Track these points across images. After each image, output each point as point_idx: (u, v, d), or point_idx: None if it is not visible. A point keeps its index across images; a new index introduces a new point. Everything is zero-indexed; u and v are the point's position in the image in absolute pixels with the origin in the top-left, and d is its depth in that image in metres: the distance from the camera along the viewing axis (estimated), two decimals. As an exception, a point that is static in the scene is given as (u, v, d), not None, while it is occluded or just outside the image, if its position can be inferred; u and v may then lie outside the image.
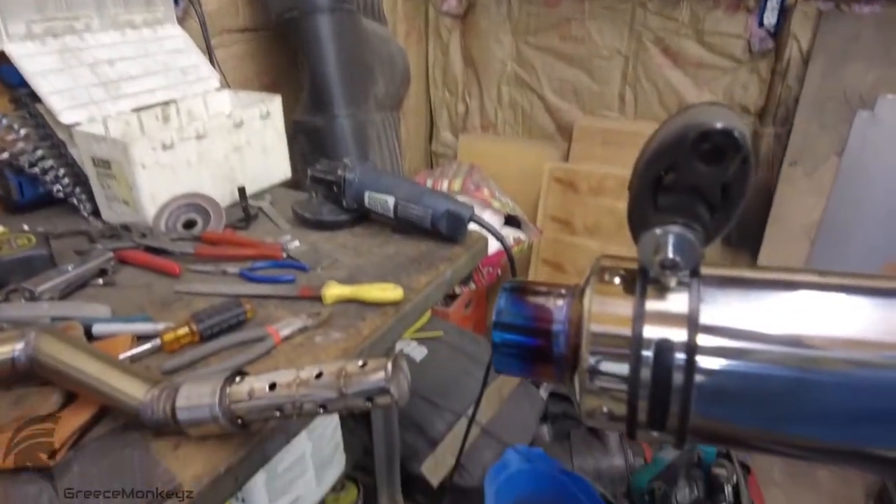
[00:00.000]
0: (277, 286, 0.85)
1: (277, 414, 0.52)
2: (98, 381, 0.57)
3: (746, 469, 1.74)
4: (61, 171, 1.09)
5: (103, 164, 1.02)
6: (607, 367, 0.29)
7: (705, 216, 0.29)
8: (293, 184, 1.32)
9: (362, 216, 1.06)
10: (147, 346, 0.70)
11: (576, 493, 1.55)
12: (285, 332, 0.73)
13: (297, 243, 0.98)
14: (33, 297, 0.82)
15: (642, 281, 0.30)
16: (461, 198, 1.80)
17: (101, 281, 0.89)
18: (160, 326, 0.73)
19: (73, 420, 0.58)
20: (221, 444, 0.57)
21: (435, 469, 1.47)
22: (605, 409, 0.31)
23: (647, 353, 0.28)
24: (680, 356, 0.28)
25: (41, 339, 0.59)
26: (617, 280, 0.31)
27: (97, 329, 0.73)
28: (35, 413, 0.59)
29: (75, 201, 1.13)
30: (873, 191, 1.66)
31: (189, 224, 1.03)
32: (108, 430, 0.59)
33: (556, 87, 2.16)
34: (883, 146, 1.63)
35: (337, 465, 1.27)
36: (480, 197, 1.93)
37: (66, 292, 0.86)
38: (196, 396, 0.55)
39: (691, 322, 0.28)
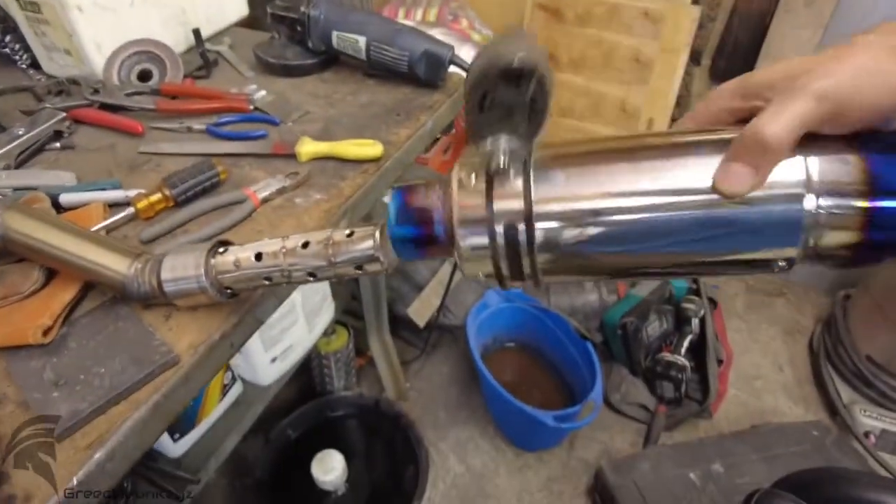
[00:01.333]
0: (248, 143, 0.80)
1: (266, 283, 0.51)
2: (78, 257, 0.55)
3: (714, 303, 1.86)
4: (-13, 18, 0.97)
5: (31, 6, 0.90)
6: (473, 241, 0.39)
7: (523, 124, 0.37)
8: (251, 22, 1.20)
9: (331, 59, 0.98)
10: (121, 214, 0.67)
11: (552, 327, 1.65)
12: (263, 193, 0.70)
13: (263, 93, 0.91)
14: (-13, 166, 0.77)
15: (488, 176, 0.39)
16: (437, 32, 1.67)
17: (58, 144, 0.83)
18: (131, 193, 0.69)
19: (61, 296, 0.57)
20: (213, 313, 0.58)
21: (420, 311, 1.54)
22: (480, 271, 0.41)
23: (499, 227, 0.38)
24: (521, 224, 0.38)
25: (8, 215, 0.56)
26: (473, 176, 0.40)
27: (64, 199, 0.70)
28: (17, 290, 0.58)
29: (9, 51, 1.01)
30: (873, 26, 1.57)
31: (144, 76, 0.94)
32: (97, 304, 0.59)
33: None
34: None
35: (326, 312, 1.32)
36: (458, 29, 1.80)
37: (22, 160, 0.80)
38: (181, 268, 0.53)
39: (525, 198, 0.37)
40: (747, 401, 1.71)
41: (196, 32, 1.00)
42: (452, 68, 0.90)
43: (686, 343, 1.69)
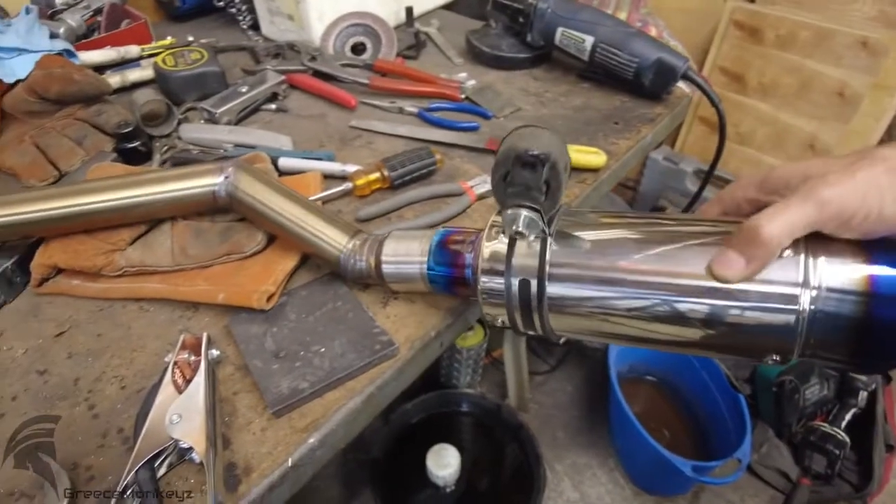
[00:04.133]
0: (460, 134, 0.77)
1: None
2: (300, 226, 0.54)
3: (888, 378, 1.64)
4: (223, -23, 1.01)
5: (268, -29, 0.93)
6: (492, 288, 0.44)
7: (540, 199, 0.41)
8: (458, 5, 1.17)
9: (544, 55, 0.93)
10: (339, 188, 0.66)
11: (698, 368, 1.52)
12: (480, 190, 0.67)
13: (473, 82, 0.88)
14: (212, 119, 0.80)
15: (511, 239, 0.44)
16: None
17: (273, 106, 0.85)
18: (349, 168, 0.68)
19: (283, 263, 0.56)
20: (430, 308, 0.55)
21: (563, 324, 1.47)
22: (497, 319, 0.47)
23: (514, 280, 0.43)
24: (533, 282, 0.42)
25: (240, 176, 0.56)
26: (500, 235, 0.44)
27: (283, 163, 0.70)
28: (240, 249, 0.58)
29: (234, 11, 1.06)
30: None
31: (356, 48, 0.94)
32: (314, 278, 0.58)
33: None
34: None
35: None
36: (644, 37, 1.69)
37: (242, 117, 0.82)
38: (404, 252, 0.51)
39: (540, 258, 0.42)
40: (912, 498, 1.49)
41: (409, 10, 0.99)
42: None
43: (848, 416, 1.50)
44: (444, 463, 1.26)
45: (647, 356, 1.61)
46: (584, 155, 0.70)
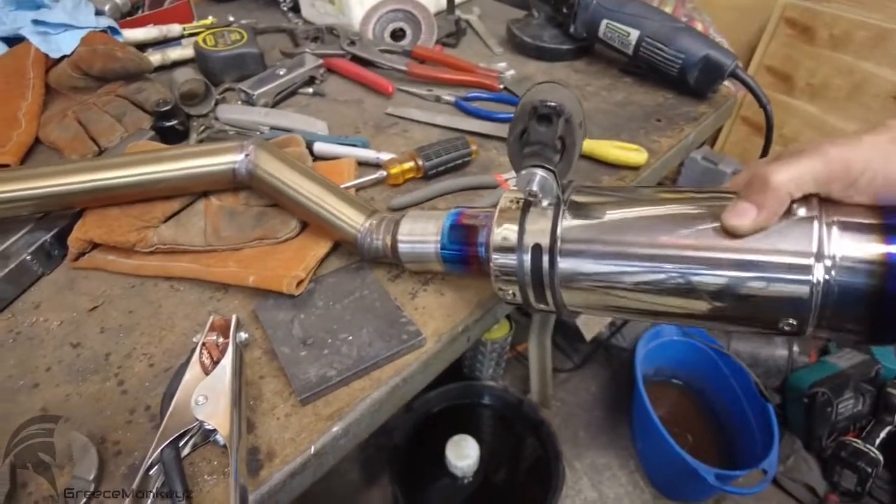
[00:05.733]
0: (497, 125, 0.76)
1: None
2: (316, 203, 0.55)
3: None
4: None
5: (311, -47, 0.92)
6: (504, 264, 0.44)
7: (555, 159, 0.42)
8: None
9: (586, 48, 0.91)
10: (372, 176, 0.65)
11: (726, 374, 1.49)
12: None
13: (512, 72, 0.86)
14: (249, 101, 0.80)
15: (525, 205, 0.43)
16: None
17: (310, 90, 0.84)
18: (384, 156, 0.68)
19: (314, 250, 0.56)
20: (458, 301, 0.54)
21: (591, 324, 1.46)
22: (509, 292, 0.46)
23: (526, 256, 0.43)
24: (545, 256, 0.42)
25: (260, 154, 0.56)
26: (514, 206, 0.44)
27: (318, 147, 0.70)
28: (274, 235, 0.58)
29: (275, -7, 1.06)
30: None
31: (397, 34, 0.93)
32: (341, 266, 0.57)
33: None
34: None
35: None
36: (689, 32, 1.64)
37: (279, 99, 0.82)
38: (420, 232, 0.51)
39: (552, 233, 0.41)
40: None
41: (450, -4, 0.97)
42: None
43: (883, 434, 1.45)
44: (464, 454, 1.26)
45: (675, 360, 1.58)
46: (625, 152, 0.68)
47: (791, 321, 0.35)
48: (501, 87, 0.82)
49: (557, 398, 1.63)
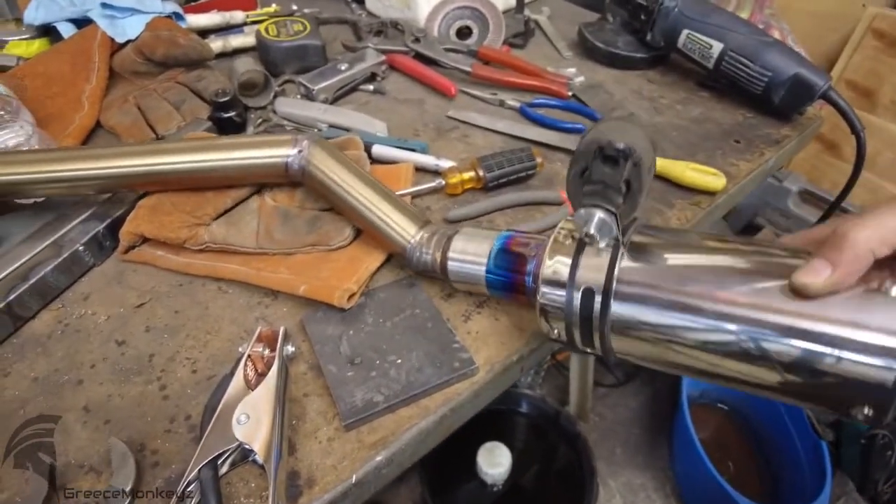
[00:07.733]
0: (563, 135, 0.72)
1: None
2: (369, 208, 0.52)
3: None
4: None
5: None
6: (552, 299, 0.41)
7: (618, 201, 0.38)
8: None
9: (662, 57, 0.86)
10: (430, 184, 0.62)
11: (778, 405, 1.41)
12: (581, 202, 0.61)
13: (581, 78, 0.82)
14: (309, 96, 0.78)
15: (579, 244, 0.41)
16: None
17: (371, 87, 0.82)
18: (444, 164, 0.65)
19: (367, 262, 0.54)
20: (514, 329, 0.51)
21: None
22: (554, 330, 0.42)
23: (577, 293, 0.39)
24: (598, 297, 0.38)
25: (314, 150, 0.54)
26: (568, 241, 0.41)
27: (377, 150, 0.67)
28: (327, 242, 0.56)
29: (341, -18, 1.03)
30: None
31: (463, 32, 0.89)
32: (392, 280, 0.55)
33: None
34: None
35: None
36: (766, 40, 1.55)
37: (339, 96, 0.80)
38: (472, 252, 0.48)
39: (609, 273, 0.38)
40: None
41: (519, -5, 0.93)
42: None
43: (946, 483, 1.35)
44: (496, 462, 1.24)
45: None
46: (703, 175, 0.63)
47: (866, 410, 0.31)
48: (570, 94, 0.78)
49: (596, 412, 1.58)
